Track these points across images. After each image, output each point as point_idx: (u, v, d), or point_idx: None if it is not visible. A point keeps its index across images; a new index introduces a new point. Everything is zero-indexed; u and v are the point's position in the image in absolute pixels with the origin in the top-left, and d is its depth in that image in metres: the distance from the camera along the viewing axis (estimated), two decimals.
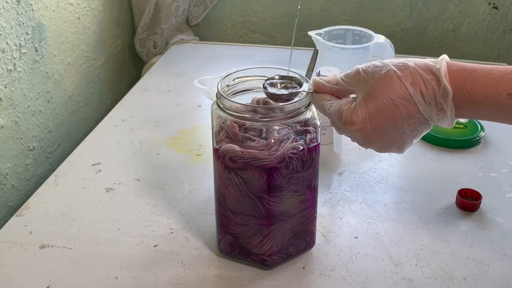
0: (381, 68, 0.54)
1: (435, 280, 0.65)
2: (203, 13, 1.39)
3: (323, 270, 0.67)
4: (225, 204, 0.65)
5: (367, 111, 0.54)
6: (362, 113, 0.54)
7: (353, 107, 0.55)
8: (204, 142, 0.93)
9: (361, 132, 0.55)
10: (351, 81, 0.57)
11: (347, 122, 0.55)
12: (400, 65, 0.54)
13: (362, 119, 0.54)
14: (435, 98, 0.52)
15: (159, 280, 0.66)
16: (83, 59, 1.10)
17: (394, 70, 0.53)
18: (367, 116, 0.54)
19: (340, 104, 0.57)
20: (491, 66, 0.52)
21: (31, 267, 0.67)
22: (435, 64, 0.53)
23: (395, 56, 1.03)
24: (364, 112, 0.54)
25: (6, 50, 0.85)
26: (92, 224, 0.75)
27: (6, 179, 0.87)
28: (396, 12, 1.31)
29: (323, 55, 1.02)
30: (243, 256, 0.67)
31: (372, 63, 0.56)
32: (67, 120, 1.05)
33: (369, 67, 0.55)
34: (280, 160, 0.60)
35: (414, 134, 0.56)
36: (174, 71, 1.20)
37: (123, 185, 0.83)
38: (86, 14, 1.10)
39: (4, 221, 0.78)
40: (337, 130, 0.59)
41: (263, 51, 1.30)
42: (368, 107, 0.54)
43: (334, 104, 0.57)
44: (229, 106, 0.61)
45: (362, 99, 0.55)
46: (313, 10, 1.35)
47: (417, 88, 0.53)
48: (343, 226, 0.74)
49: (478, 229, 0.73)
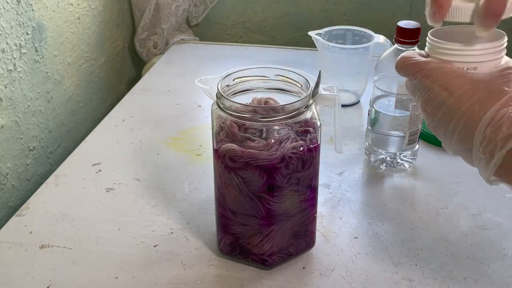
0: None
1: (435, 280, 0.65)
2: (203, 13, 1.39)
3: (323, 270, 0.67)
4: (225, 204, 0.65)
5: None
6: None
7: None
8: (204, 142, 0.93)
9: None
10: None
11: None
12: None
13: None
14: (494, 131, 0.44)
15: (159, 280, 0.66)
16: (83, 59, 1.10)
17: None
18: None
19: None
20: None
21: (31, 267, 0.67)
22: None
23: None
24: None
25: (6, 50, 0.85)
26: (92, 224, 0.75)
27: (6, 179, 0.87)
28: (396, 12, 1.31)
29: (323, 55, 1.02)
30: (243, 256, 0.67)
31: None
32: (67, 120, 1.05)
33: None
34: (280, 160, 0.60)
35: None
36: (174, 71, 1.20)
37: (123, 185, 0.83)
38: (86, 14, 1.10)
39: (4, 221, 0.78)
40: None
41: (263, 51, 1.30)
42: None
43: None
44: (229, 106, 0.61)
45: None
46: (313, 10, 1.35)
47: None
48: (343, 226, 0.74)
49: (478, 229, 0.73)
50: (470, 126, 0.45)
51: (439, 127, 0.49)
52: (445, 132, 0.48)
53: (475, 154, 0.46)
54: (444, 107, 0.47)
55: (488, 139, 0.44)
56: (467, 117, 0.46)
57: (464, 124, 0.46)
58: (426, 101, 0.49)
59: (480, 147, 0.45)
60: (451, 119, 0.47)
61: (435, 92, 0.48)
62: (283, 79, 0.67)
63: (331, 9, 1.34)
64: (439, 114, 0.48)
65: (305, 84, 0.64)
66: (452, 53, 0.49)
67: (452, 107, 0.46)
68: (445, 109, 0.47)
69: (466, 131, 0.46)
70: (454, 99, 0.46)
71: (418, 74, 0.49)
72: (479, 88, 0.46)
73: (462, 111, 0.46)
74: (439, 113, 0.48)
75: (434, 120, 0.49)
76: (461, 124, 0.46)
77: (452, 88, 0.47)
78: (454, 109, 0.46)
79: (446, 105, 0.47)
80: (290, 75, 0.66)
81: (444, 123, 0.48)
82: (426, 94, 0.49)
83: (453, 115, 0.46)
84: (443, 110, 0.47)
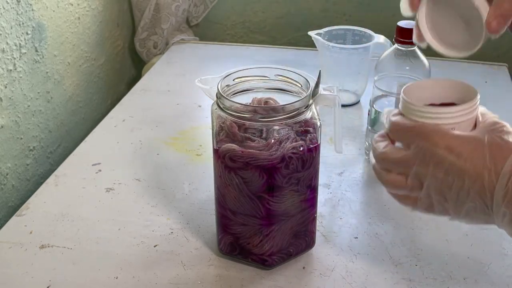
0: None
1: (435, 280, 0.65)
2: (203, 13, 1.39)
3: (323, 270, 0.67)
4: (225, 204, 0.65)
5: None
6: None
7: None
8: (204, 142, 0.93)
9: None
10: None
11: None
12: None
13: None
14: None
15: (159, 280, 0.66)
16: (83, 59, 1.10)
17: None
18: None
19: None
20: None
21: (31, 267, 0.67)
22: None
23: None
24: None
25: (6, 50, 0.85)
26: (92, 224, 0.75)
27: (6, 179, 0.87)
28: (396, 12, 1.30)
29: (323, 55, 1.02)
30: (243, 256, 0.67)
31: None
32: (67, 120, 1.05)
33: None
34: (280, 160, 0.60)
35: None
36: (174, 71, 1.19)
37: (123, 185, 0.83)
38: (86, 14, 1.10)
39: (4, 221, 0.78)
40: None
41: (263, 51, 1.29)
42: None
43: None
44: (229, 106, 0.61)
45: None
46: (313, 10, 1.35)
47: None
48: (343, 226, 0.74)
49: (478, 229, 0.73)
50: (489, 183, 0.45)
51: (446, 191, 0.47)
52: (457, 194, 0.47)
53: (496, 210, 0.45)
54: (454, 169, 0.46)
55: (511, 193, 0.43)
56: (483, 175, 0.45)
57: (481, 182, 0.45)
58: (434, 166, 0.47)
59: (503, 203, 0.44)
60: (462, 180, 0.46)
61: (440, 155, 0.46)
62: (283, 79, 0.67)
63: (331, 9, 1.34)
64: (449, 177, 0.46)
65: (305, 84, 0.64)
66: (431, 116, 0.49)
67: (463, 168, 0.46)
68: (456, 171, 0.46)
69: (482, 189, 0.45)
70: (464, 160, 0.46)
71: (415, 139, 0.48)
72: (483, 144, 0.46)
73: (477, 171, 0.45)
74: (449, 177, 0.46)
75: (441, 186, 0.47)
76: (477, 183, 0.45)
77: (458, 149, 0.46)
78: (465, 169, 0.45)
79: (456, 167, 0.46)
80: (290, 75, 0.66)
81: (457, 186, 0.46)
82: (432, 160, 0.47)
83: (464, 176, 0.46)
84: (453, 172, 0.46)
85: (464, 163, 0.45)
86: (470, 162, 0.45)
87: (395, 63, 0.83)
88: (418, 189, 0.49)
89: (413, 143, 0.48)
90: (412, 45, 0.80)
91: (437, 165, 0.47)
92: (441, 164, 0.46)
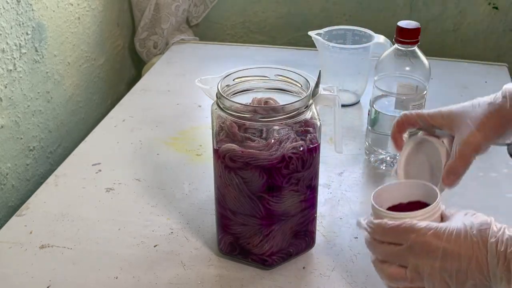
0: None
1: None
2: (203, 13, 1.39)
3: (323, 270, 0.67)
4: (225, 204, 0.65)
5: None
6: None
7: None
8: (204, 142, 0.93)
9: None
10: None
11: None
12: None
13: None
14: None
15: (159, 280, 0.66)
16: (83, 59, 1.10)
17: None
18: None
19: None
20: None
21: (31, 267, 0.67)
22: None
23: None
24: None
25: (6, 50, 0.85)
26: (92, 224, 0.75)
27: (6, 179, 0.87)
28: (396, 12, 1.31)
29: (323, 55, 1.02)
30: (243, 256, 0.67)
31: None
32: (67, 120, 1.05)
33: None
34: (280, 160, 0.60)
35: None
36: (174, 71, 1.19)
37: (123, 185, 0.83)
38: (86, 14, 1.10)
39: (4, 221, 0.78)
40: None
41: (263, 51, 1.29)
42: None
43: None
44: (229, 106, 0.61)
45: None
46: (313, 10, 1.35)
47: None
48: (343, 226, 0.74)
49: None
50: (481, 258, 0.49)
51: (447, 277, 0.50)
52: (456, 276, 0.50)
53: (493, 277, 0.49)
54: (447, 253, 0.50)
55: (503, 258, 0.48)
56: (475, 252, 0.50)
57: (475, 259, 0.49)
58: (428, 256, 0.51)
59: (497, 269, 0.48)
60: (459, 262, 0.50)
61: (432, 244, 0.51)
62: (283, 79, 0.67)
63: (331, 9, 1.34)
64: (447, 264, 0.50)
65: (305, 84, 0.64)
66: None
67: (457, 251, 0.50)
68: (450, 255, 0.50)
69: (478, 265, 0.49)
70: (454, 243, 0.50)
71: (404, 234, 0.52)
72: (465, 227, 0.51)
73: (468, 255, 0.50)
74: (447, 263, 0.50)
75: (440, 273, 0.51)
76: (473, 260, 0.49)
77: (446, 236, 0.51)
78: (459, 252, 0.50)
79: (449, 251, 0.50)
80: (290, 75, 0.66)
81: (455, 269, 0.50)
82: (424, 250, 0.51)
83: (460, 257, 0.50)
84: (449, 257, 0.50)
85: (455, 245, 0.50)
86: (459, 244, 0.50)
87: (395, 63, 0.83)
88: (418, 280, 0.52)
89: (404, 240, 0.52)
90: (412, 45, 0.80)
91: (430, 253, 0.51)
92: (434, 252, 0.50)
